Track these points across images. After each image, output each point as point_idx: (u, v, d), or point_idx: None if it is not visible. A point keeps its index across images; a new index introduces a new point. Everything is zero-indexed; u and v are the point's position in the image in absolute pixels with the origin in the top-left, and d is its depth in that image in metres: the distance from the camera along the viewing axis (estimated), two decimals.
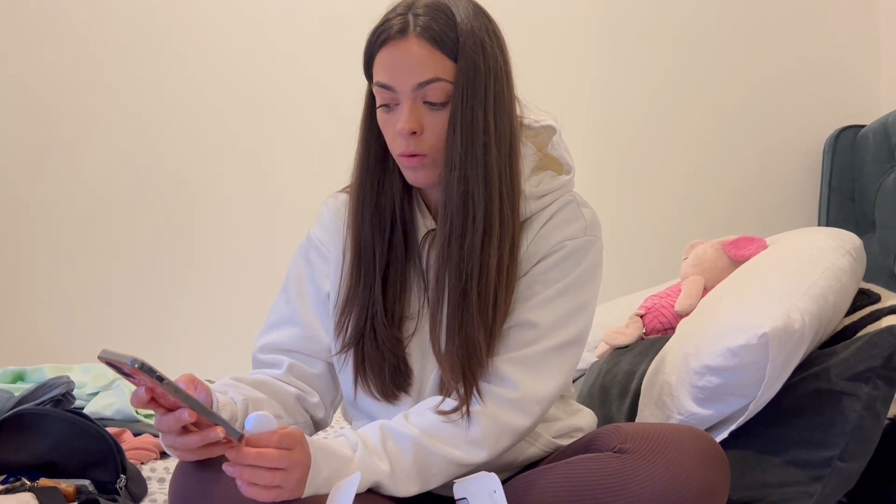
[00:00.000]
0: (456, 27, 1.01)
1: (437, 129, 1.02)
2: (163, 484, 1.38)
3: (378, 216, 1.08)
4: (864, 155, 2.09)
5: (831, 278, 1.28)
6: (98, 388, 1.74)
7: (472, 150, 1.01)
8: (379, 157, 1.09)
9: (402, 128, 1.01)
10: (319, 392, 1.16)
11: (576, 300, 1.08)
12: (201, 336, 2.38)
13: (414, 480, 0.99)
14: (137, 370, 0.84)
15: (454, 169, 1.02)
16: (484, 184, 1.02)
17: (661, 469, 0.94)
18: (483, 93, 1.02)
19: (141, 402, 0.89)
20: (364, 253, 1.09)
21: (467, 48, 1.01)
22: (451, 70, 1.01)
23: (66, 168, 2.39)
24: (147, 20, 2.38)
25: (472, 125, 1.01)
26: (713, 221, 2.26)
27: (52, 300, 2.39)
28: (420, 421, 1.02)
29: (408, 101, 1.02)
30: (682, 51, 2.31)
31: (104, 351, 0.85)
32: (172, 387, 0.87)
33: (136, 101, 2.38)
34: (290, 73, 2.38)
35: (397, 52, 1.01)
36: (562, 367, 1.06)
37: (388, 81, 1.02)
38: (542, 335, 1.05)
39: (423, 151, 1.03)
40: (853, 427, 1.11)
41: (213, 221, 2.40)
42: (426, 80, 1.00)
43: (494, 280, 1.03)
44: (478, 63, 1.01)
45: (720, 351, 1.18)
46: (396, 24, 1.01)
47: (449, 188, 1.03)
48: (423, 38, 1.00)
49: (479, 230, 1.02)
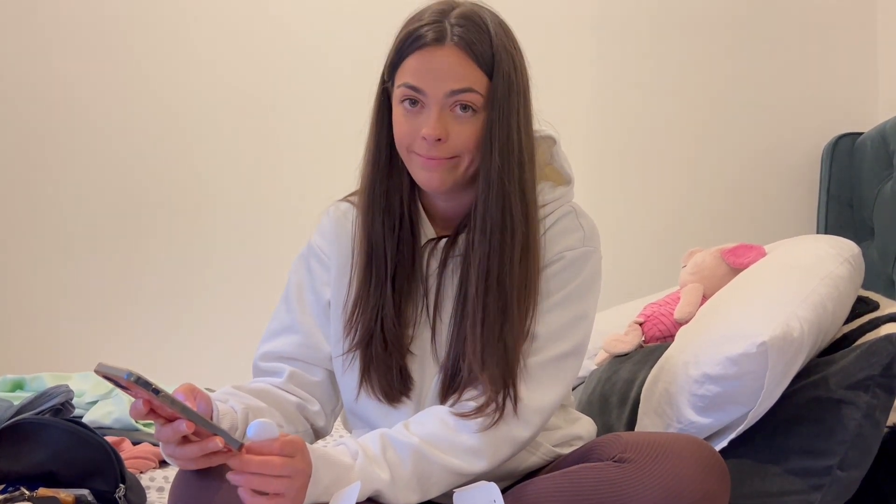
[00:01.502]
0: (491, 42, 1.03)
1: (463, 138, 1.03)
2: (162, 493, 1.38)
3: (389, 215, 1.09)
4: (862, 162, 2.10)
5: (830, 286, 1.28)
6: (97, 396, 1.74)
7: (508, 165, 1.03)
8: (389, 158, 1.09)
9: (429, 134, 1.02)
10: (320, 400, 1.16)
11: (575, 310, 1.08)
12: (201, 344, 2.37)
13: (414, 489, 0.99)
14: (133, 383, 0.84)
15: (492, 185, 1.03)
16: (521, 200, 1.04)
17: (660, 478, 0.94)
18: (517, 109, 1.04)
19: (140, 414, 0.89)
20: (375, 252, 1.09)
21: (502, 64, 1.03)
22: (483, 83, 1.03)
23: (67, 176, 2.39)
24: (149, 21, 2.38)
25: (507, 141, 1.03)
26: (712, 229, 2.27)
27: (51, 308, 2.39)
28: (420, 430, 1.02)
29: (437, 107, 1.02)
30: (680, 58, 2.32)
31: (100, 364, 0.85)
32: (169, 399, 0.87)
33: (137, 105, 2.39)
34: (296, 81, 2.39)
35: (434, 59, 1.02)
36: (562, 378, 1.07)
37: (419, 85, 1.02)
38: (542, 346, 1.06)
39: (444, 156, 1.04)
40: (852, 435, 1.11)
41: (213, 229, 2.40)
42: (460, 88, 1.02)
43: (524, 292, 1.05)
44: (512, 79, 1.03)
45: (719, 359, 1.18)
46: (433, 31, 1.02)
47: (486, 203, 1.04)
48: (461, 48, 1.02)
49: (517, 245, 1.04)
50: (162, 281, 2.39)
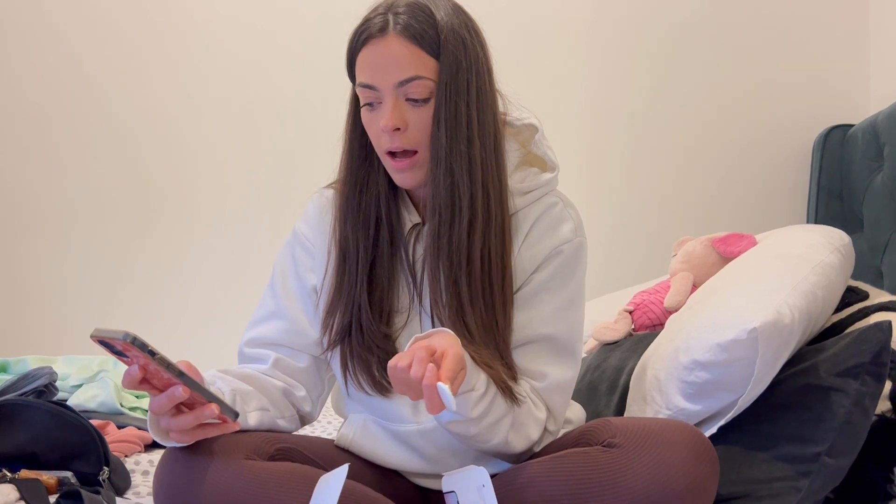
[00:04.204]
0: (436, 25, 1.02)
1: (421, 125, 1.04)
2: (147, 477, 1.36)
3: (361, 215, 1.09)
4: (852, 154, 2.10)
5: (821, 274, 1.28)
6: (82, 379, 1.72)
7: (456, 144, 1.03)
8: (363, 157, 1.10)
9: (386, 125, 1.02)
10: (305, 386, 1.16)
11: (580, 304, 1.12)
12: (189, 328, 2.36)
13: (484, 417, 1.00)
14: (130, 345, 0.83)
15: (440, 163, 1.03)
16: (469, 176, 1.04)
17: (650, 464, 0.94)
18: (465, 88, 1.03)
19: (133, 382, 0.88)
20: (348, 251, 1.10)
21: (448, 45, 1.02)
22: (433, 67, 1.02)
23: (53, 158, 2.37)
24: (147, 18, 2.36)
25: (455, 120, 1.03)
26: (703, 218, 2.27)
27: (36, 291, 2.37)
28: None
29: (390, 98, 1.03)
30: (673, 49, 2.31)
31: (96, 329, 0.84)
32: (165, 361, 0.85)
33: (130, 98, 2.37)
34: (284, 70, 2.37)
35: (378, 51, 1.02)
36: (575, 367, 1.12)
37: (369, 81, 1.03)
38: (561, 349, 1.09)
39: (408, 147, 1.04)
40: (841, 422, 1.11)
41: (203, 215, 2.39)
42: (407, 77, 1.02)
43: (485, 270, 1.05)
44: (459, 59, 1.03)
45: (709, 346, 1.18)
46: (377, 24, 1.02)
47: (436, 182, 1.04)
48: (404, 37, 1.01)
49: (464, 222, 1.04)
50: (150, 265, 2.37)
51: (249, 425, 1.05)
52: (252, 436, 1.02)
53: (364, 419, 1.14)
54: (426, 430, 1.10)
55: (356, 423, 1.15)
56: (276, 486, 0.95)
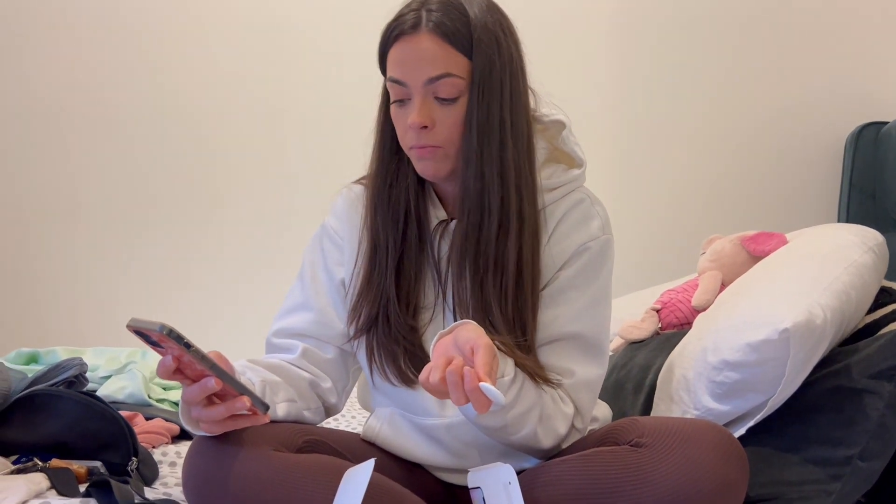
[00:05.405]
0: (469, 23, 1.02)
1: (449, 124, 1.03)
2: (174, 468, 1.38)
3: (391, 207, 1.10)
4: (886, 152, 2.07)
5: (854, 274, 1.26)
6: (111, 371, 1.74)
7: (488, 146, 1.03)
8: (393, 150, 1.10)
9: (413, 122, 1.02)
10: (332, 377, 1.17)
11: (607, 302, 1.12)
12: (215, 321, 2.38)
13: (515, 404, 0.99)
14: (166, 336, 0.84)
15: (470, 165, 1.03)
16: (500, 179, 1.04)
17: (679, 464, 0.92)
18: (499, 89, 1.03)
19: (167, 372, 0.89)
20: (378, 243, 1.10)
21: (482, 44, 1.02)
22: (464, 66, 1.02)
23: (82, 153, 2.39)
24: (154, 17, 2.37)
25: (487, 122, 1.02)
26: (732, 217, 2.25)
27: (67, 283, 2.40)
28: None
29: (419, 95, 1.03)
30: (702, 45, 2.29)
31: (133, 319, 0.85)
32: (199, 354, 0.86)
33: (145, 93, 2.39)
34: (305, 63, 2.38)
35: (409, 48, 1.02)
36: (603, 365, 1.12)
37: (399, 76, 1.03)
38: (589, 347, 1.09)
39: (435, 144, 1.04)
40: (874, 425, 1.09)
41: (227, 207, 2.40)
42: (437, 75, 1.01)
43: (517, 270, 1.04)
44: (493, 59, 1.02)
45: (739, 346, 1.17)
46: (409, 20, 1.02)
47: (465, 184, 1.04)
48: (435, 34, 1.01)
49: (493, 224, 1.04)
50: (178, 258, 2.39)
51: (278, 416, 1.06)
52: (280, 427, 1.03)
53: (391, 412, 1.15)
54: (452, 425, 1.10)
55: (383, 416, 1.15)
56: (303, 477, 0.95)
